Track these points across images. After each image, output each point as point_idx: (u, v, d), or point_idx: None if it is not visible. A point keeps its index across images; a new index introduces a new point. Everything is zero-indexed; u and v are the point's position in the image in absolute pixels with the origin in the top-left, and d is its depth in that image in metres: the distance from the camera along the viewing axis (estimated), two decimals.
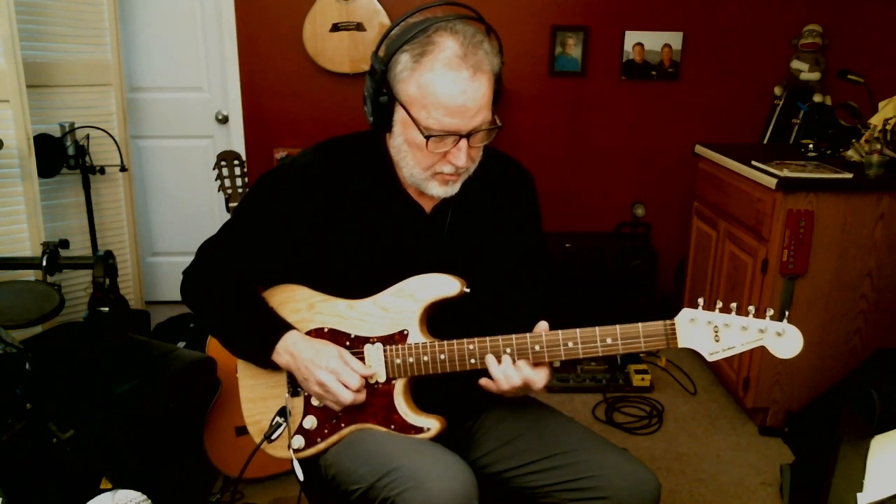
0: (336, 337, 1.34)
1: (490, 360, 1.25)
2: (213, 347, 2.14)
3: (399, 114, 1.24)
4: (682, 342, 1.19)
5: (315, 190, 1.33)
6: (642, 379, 2.90)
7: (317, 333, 1.35)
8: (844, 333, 2.52)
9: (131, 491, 1.32)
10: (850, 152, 2.69)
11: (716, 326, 1.18)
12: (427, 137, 1.21)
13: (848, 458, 1.82)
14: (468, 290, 1.29)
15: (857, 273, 2.46)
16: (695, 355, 1.23)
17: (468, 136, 1.22)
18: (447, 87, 1.18)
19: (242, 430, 2.16)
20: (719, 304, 1.19)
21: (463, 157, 1.23)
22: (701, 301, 1.19)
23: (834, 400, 2.38)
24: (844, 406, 2.12)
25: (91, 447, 1.68)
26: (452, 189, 1.30)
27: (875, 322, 2.51)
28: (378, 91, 1.24)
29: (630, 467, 1.30)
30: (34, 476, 1.58)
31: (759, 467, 2.42)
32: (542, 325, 1.26)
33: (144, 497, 1.32)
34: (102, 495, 1.30)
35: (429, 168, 1.26)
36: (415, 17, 1.23)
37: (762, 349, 1.18)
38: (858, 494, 1.68)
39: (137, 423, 1.89)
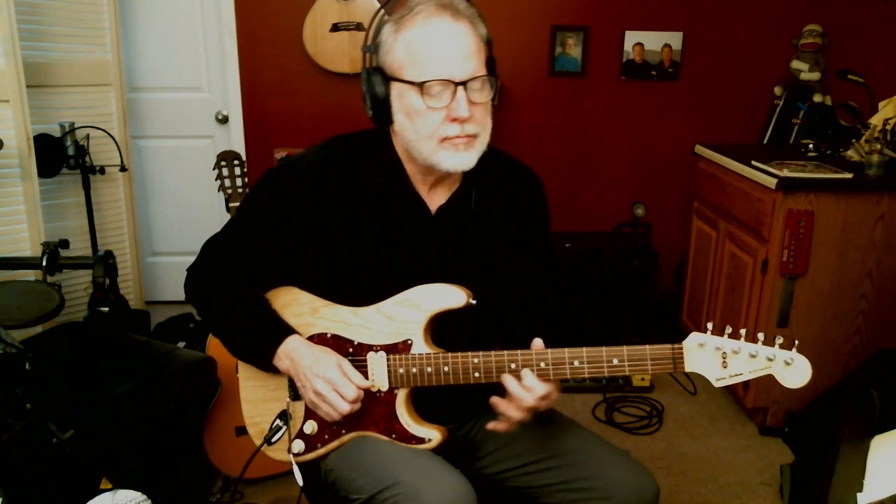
0: (339, 343, 1.32)
1: (507, 378, 1.23)
2: (213, 347, 2.14)
3: (395, 90, 1.24)
4: (690, 367, 1.18)
5: (321, 188, 1.32)
6: (642, 379, 2.90)
7: (319, 338, 1.33)
8: (844, 333, 2.52)
9: (131, 491, 1.32)
10: (850, 152, 2.69)
11: (724, 353, 1.16)
12: (421, 85, 1.19)
13: (848, 458, 1.82)
14: (474, 302, 1.27)
15: (857, 273, 2.46)
16: None
17: (464, 84, 1.20)
18: (429, 35, 1.20)
19: (242, 430, 2.15)
20: (728, 330, 1.17)
21: (463, 107, 1.19)
22: (710, 325, 1.17)
23: (834, 400, 2.38)
24: (844, 406, 2.12)
25: (91, 447, 1.68)
26: (466, 158, 1.24)
27: (875, 322, 2.51)
28: (372, 80, 1.25)
29: (631, 469, 1.30)
30: (34, 476, 1.58)
31: (759, 467, 2.42)
32: (537, 343, 1.24)
33: (144, 497, 1.33)
34: (102, 495, 1.30)
35: (434, 134, 1.22)
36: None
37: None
38: (858, 494, 1.68)
39: (137, 423, 1.89)
